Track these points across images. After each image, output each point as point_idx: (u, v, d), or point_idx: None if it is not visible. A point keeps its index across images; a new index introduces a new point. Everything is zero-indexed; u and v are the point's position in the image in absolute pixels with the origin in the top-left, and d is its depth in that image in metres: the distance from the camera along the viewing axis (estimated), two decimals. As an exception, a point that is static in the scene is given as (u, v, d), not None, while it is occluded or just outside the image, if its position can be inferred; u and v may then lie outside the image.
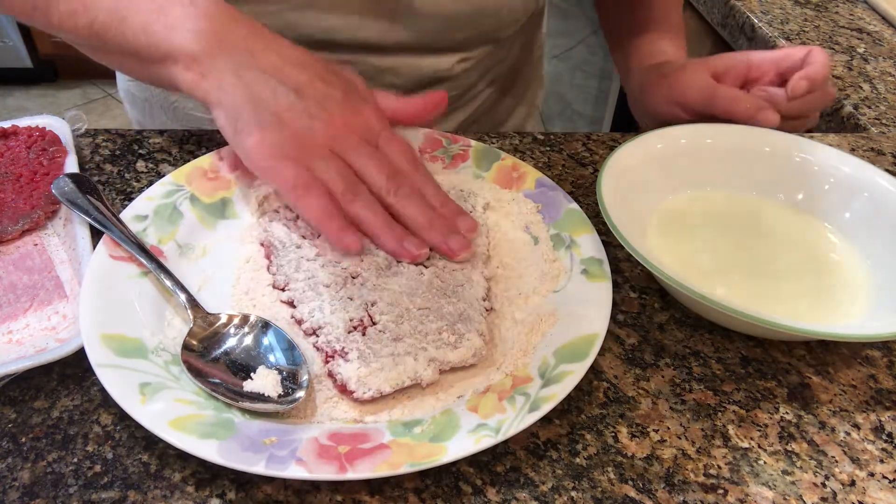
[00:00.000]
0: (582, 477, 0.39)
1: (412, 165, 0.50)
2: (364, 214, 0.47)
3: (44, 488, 0.37)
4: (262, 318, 0.44)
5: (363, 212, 0.47)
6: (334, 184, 0.47)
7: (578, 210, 0.52)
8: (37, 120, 0.58)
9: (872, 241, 0.52)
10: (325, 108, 0.48)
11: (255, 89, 0.47)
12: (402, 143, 0.51)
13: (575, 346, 0.42)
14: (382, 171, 0.48)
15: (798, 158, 0.56)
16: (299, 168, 0.46)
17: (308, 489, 0.38)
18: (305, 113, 0.48)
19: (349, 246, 0.46)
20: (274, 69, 0.48)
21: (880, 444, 0.42)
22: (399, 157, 0.50)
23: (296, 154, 0.47)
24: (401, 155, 0.50)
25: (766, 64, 0.63)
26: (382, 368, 0.40)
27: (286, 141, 0.47)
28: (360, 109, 0.50)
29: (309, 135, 0.47)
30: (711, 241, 0.53)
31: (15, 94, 2.59)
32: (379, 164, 0.48)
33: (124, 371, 0.39)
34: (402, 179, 0.48)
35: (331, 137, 0.48)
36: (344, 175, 0.47)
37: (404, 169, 0.49)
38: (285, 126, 0.47)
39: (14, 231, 0.50)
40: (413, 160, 0.50)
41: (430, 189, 0.50)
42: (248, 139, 0.47)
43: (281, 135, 0.47)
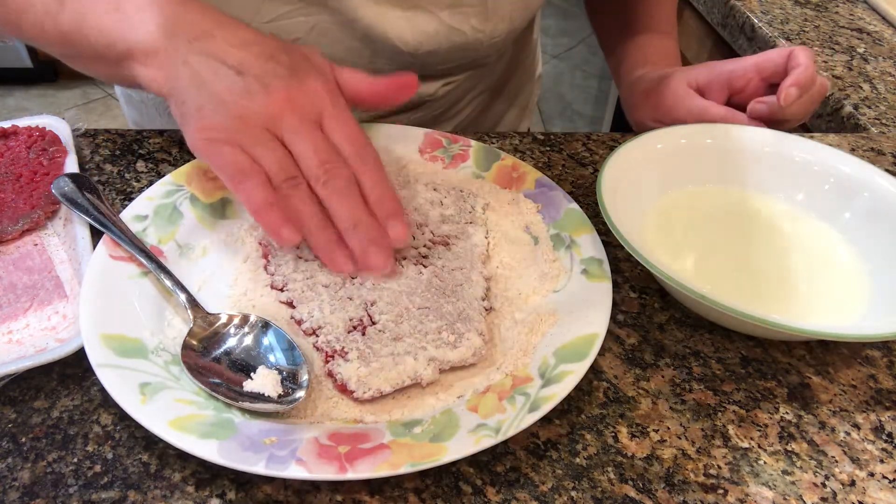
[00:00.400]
0: (582, 477, 0.39)
1: (356, 149, 0.45)
2: (299, 211, 0.44)
3: (44, 488, 0.37)
4: (262, 318, 0.44)
5: (298, 208, 0.44)
6: (272, 172, 0.44)
7: (578, 210, 0.52)
8: (37, 120, 0.58)
9: (872, 241, 0.52)
10: (266, 86, 0.45)
11: (198, 73, 0.45)
12: (348, 123, 0.46)
13: (575, 346, 0.42)
14: (317, 155, 0.44)
15: (798, 158, 0.56)
16: (237, 153, 0.44)
17: (308, 489, 0.38)
18: (244, 92, 0.45)
19: (286, 239, 0.43)
20: (220, 50, 0.46)
21: (880, 444, 0.42)
22: (342, 138, 0.46)
23: (234, 137, 0.44)
24: (344, 137, 0.46)
25: (748, 72, 0.62)
26: (382, 368, 0.40)
27: (224, 123, 0.44)
28: (307, 84, 0.46)
29: (246, 116, 0.44)
30: (711, 242, 0.53)
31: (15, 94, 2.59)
32: (315, 148, 0.44)
33: (124, 371, 0.39)
34: (338, 168, 0.44)
35: (269, 117, 0.45)
36: (281, 162, 0.44)
37: (346, 153, 0.45)
38: (224, 107, 0.44)
39: (14, 231, 0.50)
40: (358, 143, 0.46)
41: (368, 179, 0.45)
42: (190, 124, 0.45)
43: (219, 117, 0.44)
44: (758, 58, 0.62)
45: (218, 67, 0.45)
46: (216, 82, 0.45)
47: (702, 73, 0.64)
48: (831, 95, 0.81)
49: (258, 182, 0.43)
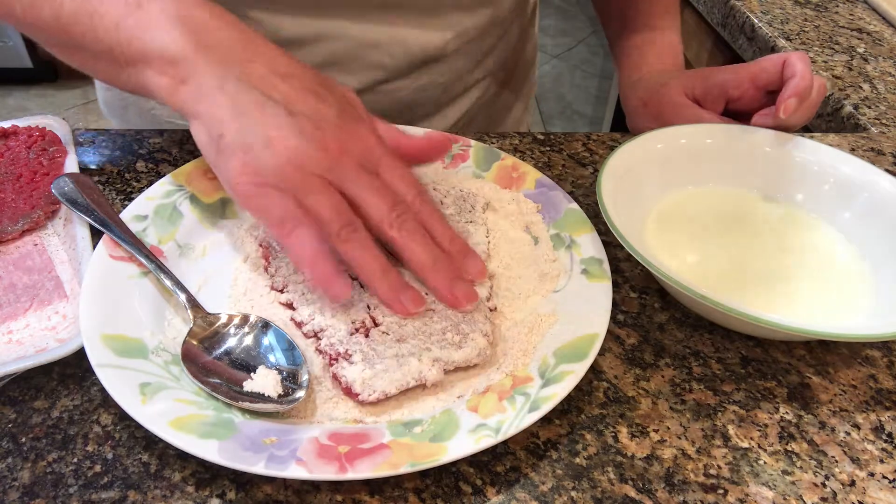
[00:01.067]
0: (582, 477, 0.39)
1: (418, 197, 0.45)
2: (359, 257, 0.42)
3: (44, 488, 0.37)
4: (262, 318, 0.44)
5: (358, 254, 0.42)
6: (327, 219, 0.41)
7: (578, 210, 0.52)
8: (37, 120, 0.58)
9: (872, 241, 0.52)
10: (318, 128, 0.42)
11: (240, 103, 0.42)
12: (406, 171, 0.45)
13: (575, 346, 0.42)
14: (385, 201, 0.43)
15: (798, 158, 0.56)
16: (287, 199, 0.41)
17: (308, 489, 0.38)
18: (297, 134, 0.42)
19: (338, 295, 0.42)
20: (261, 80, 0.43)
21: (880, 444, 0.42)
22: (403, 186, 0.44)
23: (285, 182, 0.41)
24: (405, 185, 0.44)
25: (743, 83, 0.61)
26: (387, 370, 0.40)
27: (274, 166, 0.41)
28: (358, 130, 0.44)
29: (300, 160, 0.41)
30: (711, 242, 0.53)
31: (15, 94, 2.59)
32: (381, 194, 0.43)
33: (124, 371, 0.39)
34: (407, 212, 0.43)
35: (325, 163, 0.42)
36: (339, 209, 0.42)
37: (409, 200, 0.44)
38: (274, 148, 0.41)
39: (14, 231, 0.50)
40: (419, 191, 0.45)
41: (437, 224, 0.45)
42: (231, 161, 0.42)
43: (268, 159, 0.41)
44: (752, 67, 0.61)
45: (264, 102, 0.42)
46: (262, 119, 0.42)
47: (697, 82, 0.64)
48: (831, 95, 0.81)
49: (310, 231, 0.41)
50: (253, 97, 0.42)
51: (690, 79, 0.65)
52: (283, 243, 0.42)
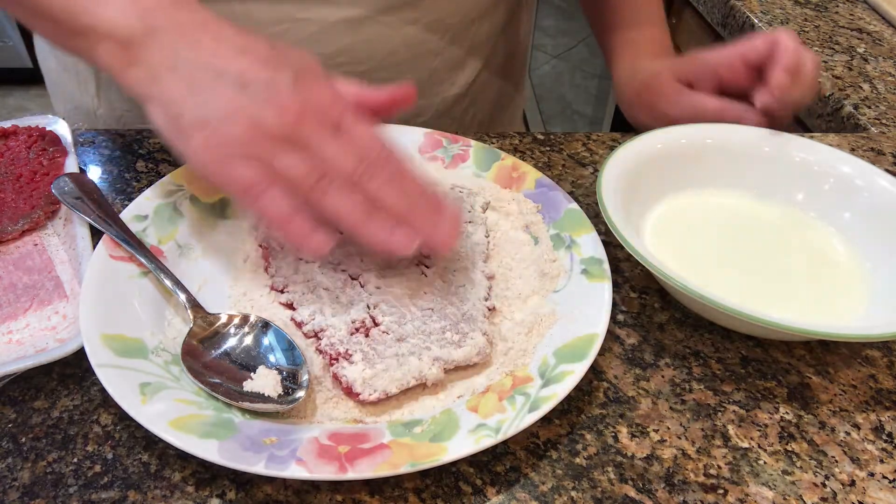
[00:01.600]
0: (582, 477, 0.39)
1: (384, 150, 0.43)
2: (341, 205, 0.41)
3: (44, 488, 0.37)
4: (262, 318, 0.44)
5: (339, 202, 0.41)
6: (301, 176, 0.41)
7: (578, 210, 0.52)
8: (37, 120, 0.58)
9: (872, 241, 0.52)
10: (274, 94, 0.42)
11: (193, 81, 0.42)
12: (369, 126, 0.44)
13: (575, 346, 0.42)
14: (351, 155, 0.42)
15: (798, 158, 0.56)
16: (252, 166, 0.41)
17: (308, 489, 0.38)
18: (253, 103, 0.41)
19: (318, 247, 0.41)
20: (212, 55, 0.42)
21: (880, 444, 0.42)
22: (369, 140, 0.43)
23: (249, 150, 0.41)
24: (370, 138, 0.43)
25: (734, 63, 0.61)
26: (387, 369, 0.40)
27: (237, 136, 0.41)
28: (316, 90, 0.43)
29: (260, 127, 0.41)
30: (711, 241, 0.53)
31: (15, 94, 2.59)
32: (345, 149, 0.42)
33: (124, 371, 0.39)
34: (378, 161, 0.42)
35: (285, 127, 0.41)
36: (309, 165, 0.41)
37: (374, 155, 0.43)
38: (232, 120, 0.41)
39: (14, 231, 0.50)
40: (384, 144, 0.44)
41: (407, 174, 0.43)
42: (192, 139, 0.41)
43: (230, 129, 0.41)
44: (741, 46, 0.61)
45: (217, 76, 0.42)
46: (218, 92, 0.42)
47: (689, 67, 0.64)
48: (831, 95, 0.81)
49: (277, 192, 0.41)
50: (206, 74, 0.42)
51: (681, 64, 0.65)
52: (254, 209, 0.41)
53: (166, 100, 0.42)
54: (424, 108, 0.72)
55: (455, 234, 0.43)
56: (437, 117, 0.74)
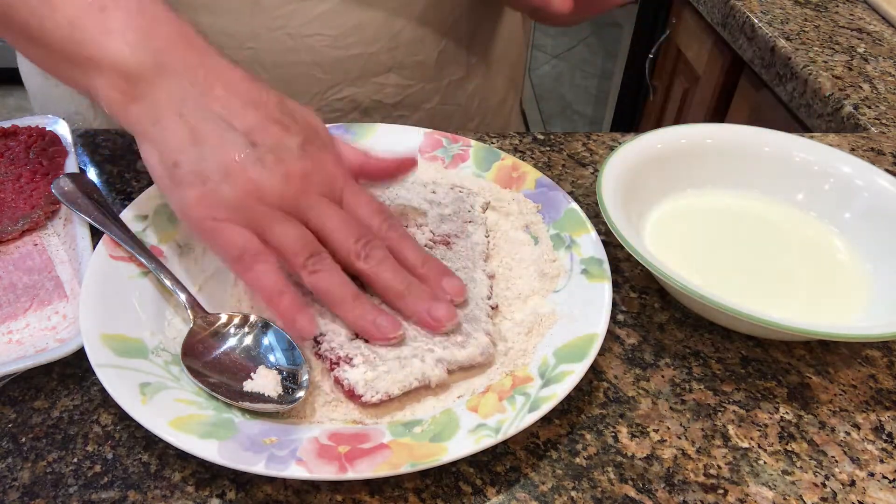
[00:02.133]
0: (582, 477, 0.39)
1: (384, 223, 0.44)
2: (328, 287, 0.41)
3: (44, 488, 0.37)
4: (262, 318, 0.44)
5: (326, 284, 0.41)
6: (293, 251, 0.40)
7: (578, 210, 0.52)
8: (37, 120, 0.58)
9: (872, 241, 0.52)
10: (280, 160, 0.41)
11: (198, 130, 0.40)
12: (370, 198, 0.44)
13: (575, 346, 0.42)
14: (350, 232, 0.42)
15: (798, 158, 0.56)
16: (246, 233, 0.40)
17: (308, 489, 0.38)
18: (257, 165, 0.40)
19: (303, 332, 0.40)
20: (223, 107, 0.41)
21: (880, 444, 0.42)
22: (369, 214, 0.43)
23: (244, 217, 0.40)
24: (370, 212, 0.43)
25: None
26: (389, 371, 0.40)
27: (234, 199, 0.40)
28: (321, 160, 0.43)
29: (261, 192, 0.40)
30: (711, 241, 0.53)
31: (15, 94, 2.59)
32: (345, 225, 0.42)
33: (124, 371, 0.39)
34: (374, 241, 0.42)
35: (286, 195, 0.41)
36: (304, 240, 0.41)
37: (375, 227, 0.43)
38: (233, 181, 0.40)
39: (14, 231, 0.50)
40: (384, 217, 0.44)
41: (407, 248, 0.44)
42: (187, 192, 0.40)
43: (227, 192, 0.40)
44: None
45: (225, 131, 0.41)
46: (223, 149, 0.40)
47: None
48: (831, 95, 0.81)
49: (269, 267, 0.40)
50: (212, 125, 0.41)
51: None
52: (244, 279, 0.41)
53: (166, 145, 0.41)
54: (432, 93, 0.71)
55: (452, 314, 0.42)
56: (444, 103, 0.73)
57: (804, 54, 0.89)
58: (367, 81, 0.66)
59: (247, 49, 0.62)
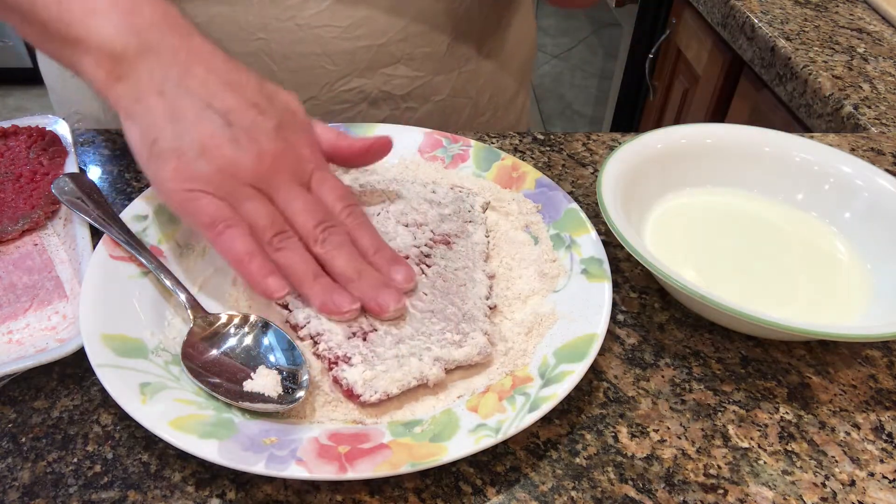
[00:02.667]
0: (582, 477, 0.39)
1: (346, 209, 0.46)
2: (291, 263, 0.43)
3: (44, 488, 0.37)
4: (262, 317, 0.44)
5: (289, 260, 0.43)
6: (261, 227, 0.42)
7: (578, 210, 0.52)
8: (37, 120, 0.58)
9: (872, 241, 0.52)
10: (254, 140, 0.43)
11: (177, 109, 0.42)
12: (336, 183, 0.46)
13: (575, 345, 0.42)
14: (312, 216, 0.44)
15: (798, 158, 0.56)
16: (219, 202, 0.42)
17: (308, 489, 0.38)
18: (232, 143, 0.42)
19: (272, 291, 0.42)
20: (201, 87, 0.43)
21: (880, 444, 0.42)
22: (333, 199, 0.45)
23: (217, 189, 0.42)
24: (335, 197, 0.45)
25: None
26: (388, 370, 0.40)
27: (208, 174, 0.42)
28: (294, 142, 0.45)
29: (233, 169, 0.42)
30: (711, 242, 0.53)
31: (15, 94, 2.59)
32: (308, 208, 0.44)
33: (124, 371, 0.39)
34: (333, 227, 0.44)
35: (258, 174, 0.43)
36: (272, 218, 0.43)
37: (336, 212, 0.45)
38: (207, 156, 0.42)
39: (14, 231, 0.50)
40: (347, 203, 0.46)
41: (364, 236, 0.45)
42: (163, 166, 0.42)
43: (202, 166, 0.42)
44: None
45: (202, 110, 0.42)
46: (200, 126, 0.42)
47: None
48: (831, 95, 0.81)
49: (240, 232, 0.42)
50: (191, 103, 0.42)
51: None
52: (215, 244, 0.42)
53: (146, 122, 0.42)
54: (442, 85, 0.71)
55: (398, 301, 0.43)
56: (454, 95, 0.73)
57: (804, 54, 0.89)
58: (376, 73, 0.67)
59: (256, 39, 0.62)
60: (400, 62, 0.67)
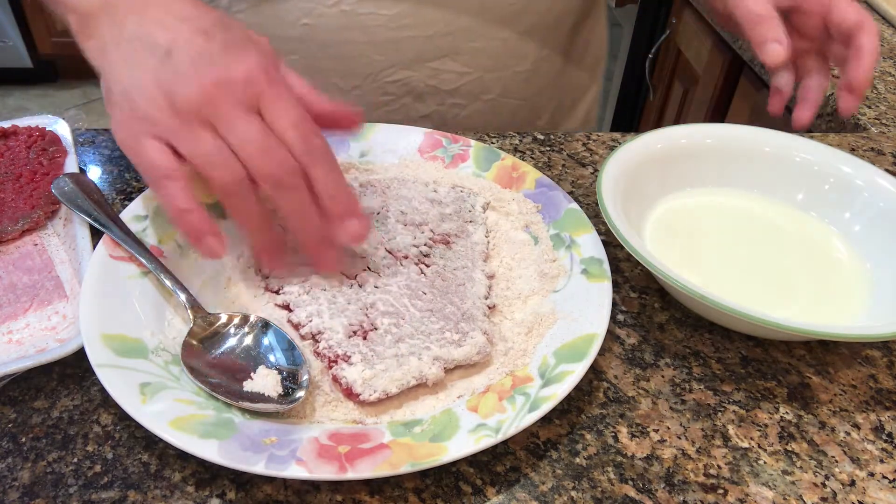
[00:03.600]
0: (582, 477, 0.39)
1: (301, 137, 0.41)
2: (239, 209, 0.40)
3: (44, 488, 0.37)
4: (262, 318, 0.44)
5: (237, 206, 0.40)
6: (202, 166, 0.39)
7: (578, 210, 0.52)
8: (37, 120, 0.58)
9: (872, 240, 0.52)
10: (195, 67, 0.40)
11: (129, 54, 0.41)
12: (290, 107, 0.41)
13: (575, 345, 0.42)
14: (255, 147, 0.40)
15: (798, 158, 0.56)
16: (162, 149, 0.39)
17: (308, 489, 0.38)
18: (172, 75, 0.39)
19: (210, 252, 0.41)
20: (151, 27, 0.41)
21: (880, 444, 0.42)
22: (286, 125, 0.40)
23: (158, 129, 0.39)
24: (288, 123, 0.40)
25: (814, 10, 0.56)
26: (387, 370, 0.40)
27: (148, 112, 0.39)
28: (241, 62, 0.40)
29: (170, 101, 0.39)
30: (711, 241, 0.53)
31: (15, 94, 2.59)
32: (251, 138, 0.39)
33: (124, 371, 0.39)
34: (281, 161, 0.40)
35: (198, 103, 0.39)
36: (216, 156, 0.39)
37: (290, 142, 0.40)
38: (148, 93, 0.39)
39: (14, 231, 0.50)
40: (304, 129, 0.41)
41: (318, 172, 0.41)
42: (115, 114, 0.41)
43: (142, 104, 0.39)
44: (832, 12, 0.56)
45: (148, 47, 0.41)
46: (144, 65, 0.40)
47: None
48: (831, 95, 0.81)
49: (179, 185, 0.40)
50: (140, 44, 0.41)
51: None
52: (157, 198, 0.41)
53: (108, 73, 0.42)
54: (492, 83, 0.69)
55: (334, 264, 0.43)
56: (505, 95, 0.71)
57: (804, 54, 0.89)
58: (422, 65, 0.66)
59: (302, 25, 0.62)
60: (447, 56, 0.65)
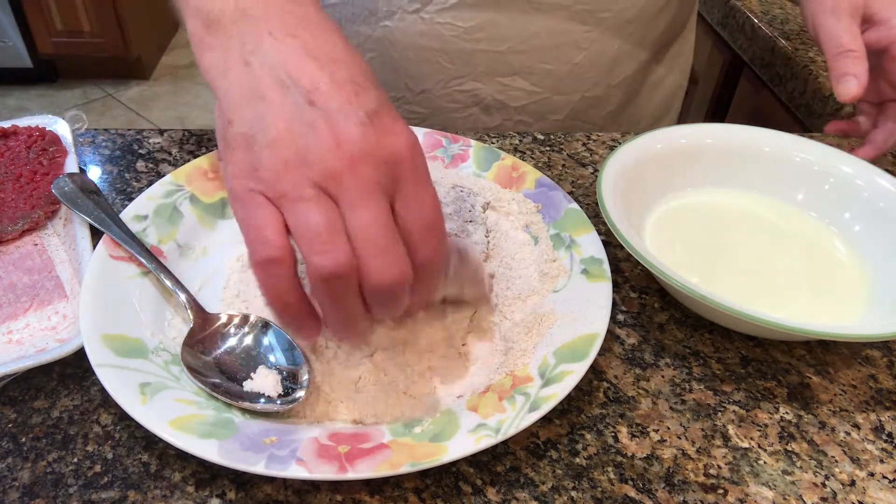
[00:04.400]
0: (582, 477, 0.39)
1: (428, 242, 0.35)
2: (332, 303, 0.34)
3: (44, 488, 0.37)
4: (262, 318, 0.44)
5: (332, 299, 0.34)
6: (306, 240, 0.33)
7: (578, 210, 0.52)
8: (37, 120, 0.58)
9: (872, 240, 0.52)
10: (334, 126, 0.33)
11: (259, 85, 0.34)
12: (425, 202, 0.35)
13: (575, 345, 0.42)
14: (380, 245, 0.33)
15: (798, 158, 0.56)
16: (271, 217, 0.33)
17: (308, 489, 0.38)
18: (307, 130, 0.33)
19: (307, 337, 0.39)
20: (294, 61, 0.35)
21: (880, 444, 0.42)
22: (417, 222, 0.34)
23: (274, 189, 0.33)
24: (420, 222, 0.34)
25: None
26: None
27: (269, 168, 0.33)
28: (388, 138, 0.34)
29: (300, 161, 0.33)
30: (711, 241, 0.53)
31: (15, 94, 2.59)
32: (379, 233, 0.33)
33: (124, 371, 0.39)
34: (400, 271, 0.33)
35: (328, 169, 0.33)
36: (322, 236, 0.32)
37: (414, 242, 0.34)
38: (275, 146, 0.33)
39: (14, 231, 0.50)
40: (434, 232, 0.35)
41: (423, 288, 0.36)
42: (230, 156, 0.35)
43: (266, 159, 0.33)
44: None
45: (287, 86, 0.34)
46: (278, 107, 0.34)
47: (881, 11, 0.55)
48: (831, 95, 0.81)
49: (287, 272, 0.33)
50: (277, 78, 0.35)
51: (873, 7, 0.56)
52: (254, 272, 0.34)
53: (227, 99, 0.35)
54: (560, 105, 0.69)
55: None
56: (573, 118, 0.70)
57: (804, 54, 0.89)
58: (492, 80, 0.67)
59: (383, 26, 0.64)
60: (518, 74, 0.67)
